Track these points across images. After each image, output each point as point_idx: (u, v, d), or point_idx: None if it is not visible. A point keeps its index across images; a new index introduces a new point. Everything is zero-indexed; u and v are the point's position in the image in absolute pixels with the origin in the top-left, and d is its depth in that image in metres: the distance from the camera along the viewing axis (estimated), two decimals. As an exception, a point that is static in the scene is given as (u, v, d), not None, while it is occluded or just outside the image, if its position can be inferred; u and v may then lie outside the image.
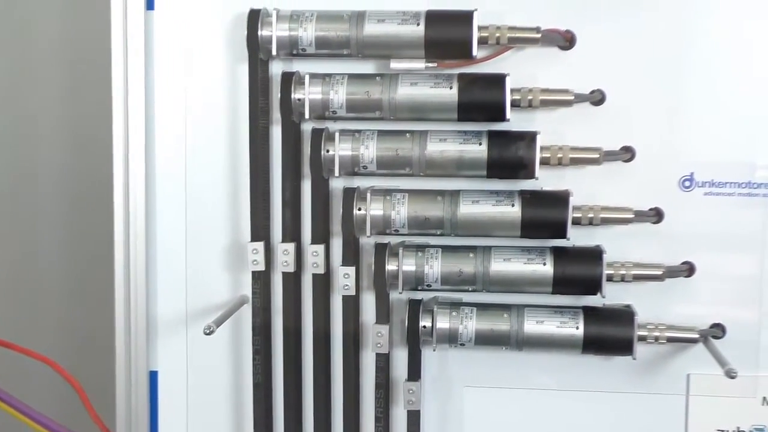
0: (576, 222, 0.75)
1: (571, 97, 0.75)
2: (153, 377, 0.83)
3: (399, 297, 0.79)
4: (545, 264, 0.75)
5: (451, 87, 0.74)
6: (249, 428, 0.82)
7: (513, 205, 0.74)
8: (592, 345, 0.75)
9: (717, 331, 0.77)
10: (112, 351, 0.83)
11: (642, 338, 0.75)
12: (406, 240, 0.78)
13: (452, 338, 0.76)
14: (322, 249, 0.78)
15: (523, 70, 0.75)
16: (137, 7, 0.79)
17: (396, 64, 0.75)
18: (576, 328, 0.75)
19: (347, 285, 0.77)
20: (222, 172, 0.81)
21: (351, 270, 0.77)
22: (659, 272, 0.76)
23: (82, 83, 1.11)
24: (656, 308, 0.77)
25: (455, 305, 0.77)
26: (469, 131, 0.75)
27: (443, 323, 0.76)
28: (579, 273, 0.75)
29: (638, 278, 0.76)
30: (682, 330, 0.76)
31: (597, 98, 0.76)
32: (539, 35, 0.74)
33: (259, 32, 0.75)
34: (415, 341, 0.77)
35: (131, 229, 0.81)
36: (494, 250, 0.76)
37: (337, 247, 0.79)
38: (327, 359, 0.80)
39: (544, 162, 0.74)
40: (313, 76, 0.75)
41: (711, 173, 0.76)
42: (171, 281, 0.82)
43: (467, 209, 0.75)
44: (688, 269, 0.77)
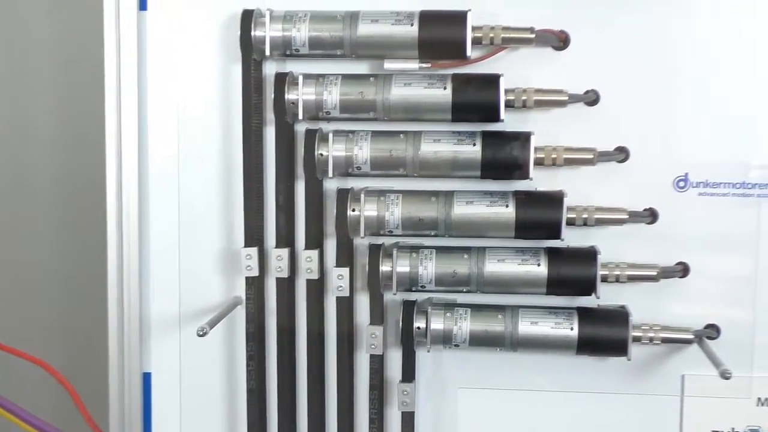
0: (570, 223, 0.74)
1: (565, 98, 0.75)
2: (146, 379, 0.83)
3: (393, 298, 0.79)
4: (539, 265, 0.75)
5: (445, 87, 0.74)
6: (243, 430, 0.81)
7: (507, 206, 0.74)
8: (587, 346, 0.75)
9: (711, 332, 0.77)
10: (105, 353, 0.83)
11: (636, 339, 0.75)
12: (400, 241, 0.78)
13: (446, 339, 0.76)
14: (316, 254, 0.77)
15: (517, 71, 0.75)
16: (130, 8, 0.79)
17: (390, 65, 0.75)
18: (570, 329, 0.75)
19: (341, 286, 0.77)
20: (215, 174, 0.80)
21: (345, 271, 0.77)
22: (654, 273, 0.76)
23: (75, 84, 1.10)
24: (651, 309, 0.77)
25: (449, 306, 0.77)
26: (463, 132, 0.75)
27: (437, 324, 0.76)
28: (573, 274, 0.75)
29: (633, 279, 0.75)
30: (677, 331, 0.76)
31: (591, 99, 0.75)
32: (533, 35, 0.74)
33: (253, 33, 0.75)
34: (410, 342, 0.77)
35: (124, 230, 0.81)
36: (488, 251, 0.76)
37: (331, 249, 0.78)
38: (321, 360, 0.80)
39: (539, 162, 0.74)
40: (307, 77, 0.75)
41: (705, 173, 0.76)
42: (164, 283, 0.82)
43: (461, 210, 0.75)
44: (683, 270, 0.77)
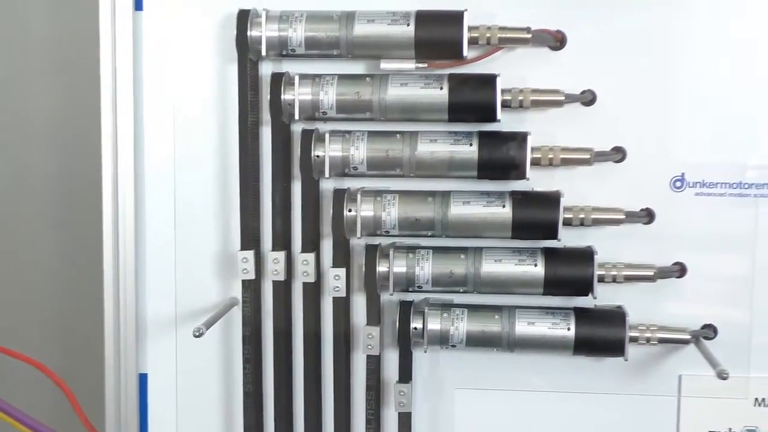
0: (567, 223, 0.74)
1: (562, 98, 0.74)
2: (142, 380, 0.83)
3: (390, 298, 0.78)
4: (536, 265, 0.74)
5: (442, 87, 0.73)
6: (239, 431, 0.81)
7: (504, 206, 0.74)
8: (584, 346, 0.75)
9: (708, 332, 0.77)
10: (102, 353, 0.82)
11: (633, 339, 0.75)
12: (397, 241, 0.78)
13: (443, 340, 0.76)
14: (313, 257, 0.77)
15: (514, 71, 0.75)
16: (126, 8, 0.79)
17: (386, 65, 0.75)
18: (567, 330, 0.75)
19: (338, 287, 0.77)
20: (211, 174, 0.80)
21: (341, 272, 0.77)
22: (650, 273, 0.76)
23: (71, 84, 1.10)
24: (648, 309, 0.77)
25: (446, 307, 0.77)
26: (460, 132, 0.75)
27: (434, 325, 0.76)
28: (570, 274, 0.75)
29: (629, 279, 0.75)
30: (674, 331, 0.76)
31: (588, 99, 0.75)
32: (530, 35, 0.74)
33: (249, 33, 0.75)
34: (406, 343, 0.77)
35: (120, 231, 0.81)
36: (485, 251, 0.75)
37: (328, 249, 0.78)
38: (318, 361, 0.80)
39: (535, 163, 0.74)
40: (303, 77, 0.75)
41: (702, 174, 0.76)
42: (160, 283, 0.82)
43: (458, 210, 0.75)
44: (680, 270, 0.77)
